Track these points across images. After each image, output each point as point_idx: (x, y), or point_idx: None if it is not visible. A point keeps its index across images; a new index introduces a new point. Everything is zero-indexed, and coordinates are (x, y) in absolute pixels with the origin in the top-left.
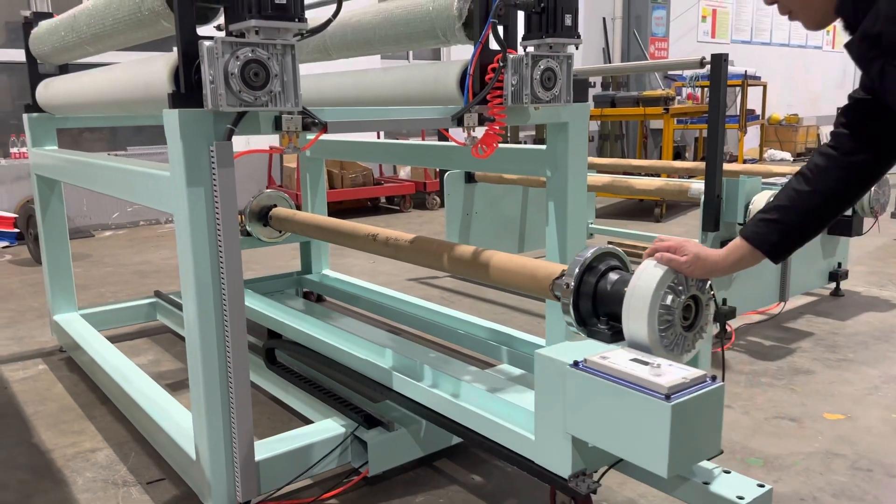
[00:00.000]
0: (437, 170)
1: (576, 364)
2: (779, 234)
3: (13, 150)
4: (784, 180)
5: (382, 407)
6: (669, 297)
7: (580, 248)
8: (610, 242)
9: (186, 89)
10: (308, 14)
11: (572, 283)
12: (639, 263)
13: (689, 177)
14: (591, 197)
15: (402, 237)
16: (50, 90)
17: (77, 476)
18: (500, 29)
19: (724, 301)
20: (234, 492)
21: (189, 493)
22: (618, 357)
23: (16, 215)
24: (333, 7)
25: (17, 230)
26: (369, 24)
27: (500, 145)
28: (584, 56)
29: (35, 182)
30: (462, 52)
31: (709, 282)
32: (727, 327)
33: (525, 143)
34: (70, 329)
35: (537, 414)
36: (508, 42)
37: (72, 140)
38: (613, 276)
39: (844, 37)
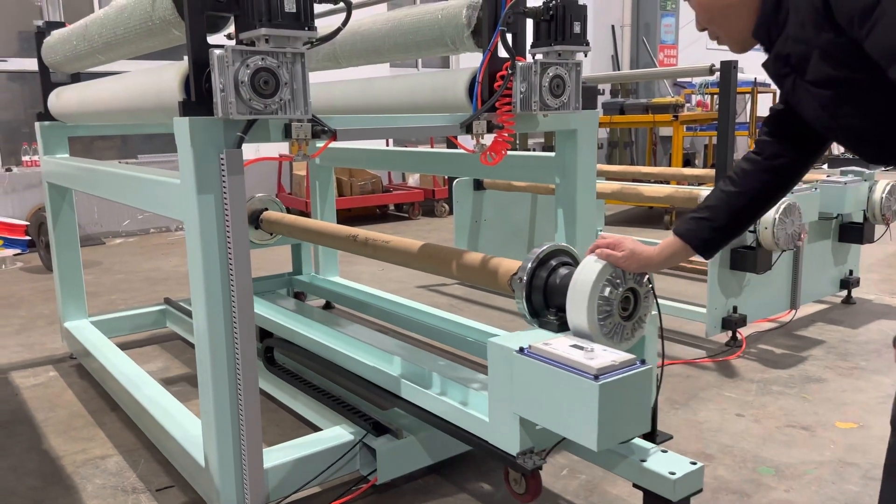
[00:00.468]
0: (446, 177)
1: (521, 350)
2: (709, 231)
3: (25, 158)
4: (805, 187)
5: (391, 414)
6: (608, 290)
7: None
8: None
9: (197, 98)
10: (318, 23)
11: (525, 278)
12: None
13: (699, 184)
14: (600, 204)
15: (379, 238)
16: (62, 99)
17: (87, 483)
18: (509, 36)
19: (735, 309)
20: (244, 499)
21: (198, 501)
22: (559, 343)
23: (27, 223)
24: (343, 16)
25: (28, 238)
26: (378, 33)
27: (509, 152)
28: (592, 63)
29: (47, 190)
30: (470, 61)
31: (647, 275)
32: (738, 335)
33: (534, 150)
34: (80, 336)
35: (490, 397)
36: (517, 49)
37: (83, 148)
38: (563, 270)
39: (762, 57)
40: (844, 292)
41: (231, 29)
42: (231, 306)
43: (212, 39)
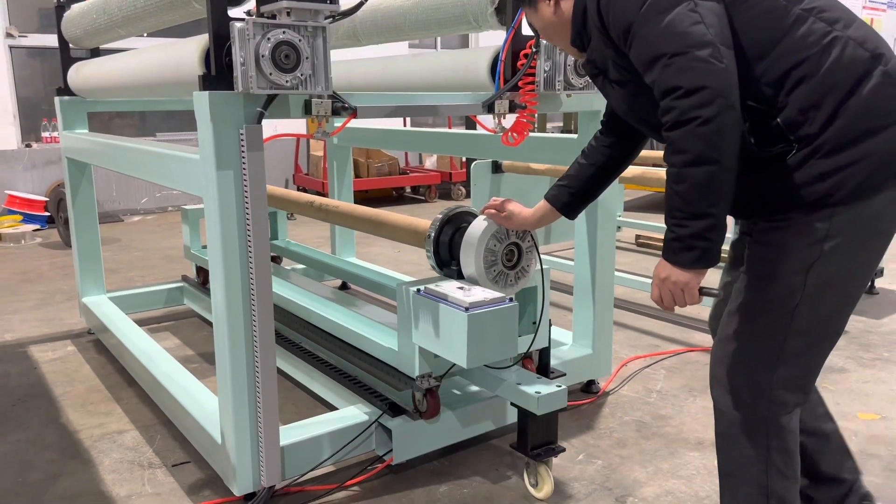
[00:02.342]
0: (464, 160)
1: (418, 291)
2: (567, 195)
3: (44, 134)
4: None
5: (406, 395)
6: (493, 243)
7: (611, 239)
8: (638, 236)
9: (217, 72)
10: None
11: (432, 235)
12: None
13: None
14: (619, 189)
15: (332, 203)
16: (81, 73)
17: (104, 457)
18: None
19: None
20: (259, 476)
21: (214, 477)
22: (448, 286)
23: (46, 199)
24: None
25: (47, 213)
26: (400, 10)
27: (530, 134)
28: None
29: (66, 165)
30: (490, 40)
31: (529, 233)
32: None
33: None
34: (98, 312)
35: (399, 331)
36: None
37: (101, 126)
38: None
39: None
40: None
41: (252, 4)
42: (249, 283)
43: (232, 13)
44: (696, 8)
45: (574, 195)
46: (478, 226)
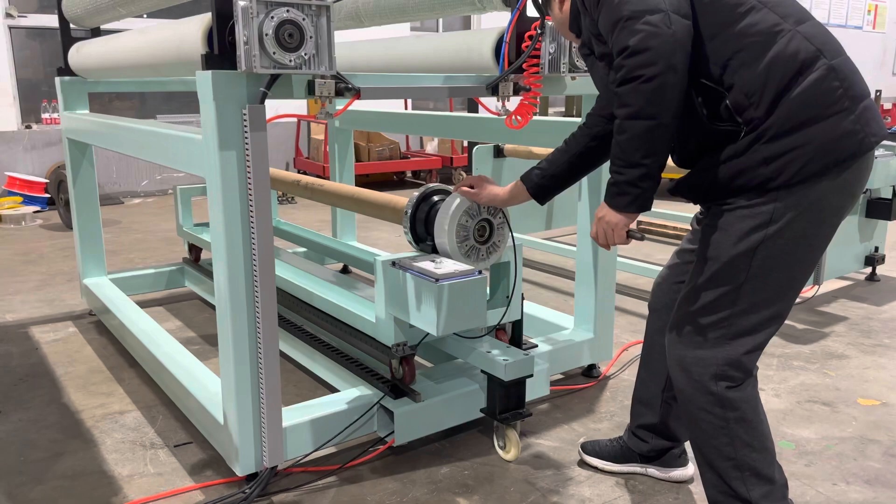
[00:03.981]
0: (465, 145)
1: (393, 264)
2: (540, 178)
3: (45, 115)
4: None
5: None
6: (465, 219)
7: None
8: (639, 222)
9: (220, 51)
10: None
11: (409, 212)
12: (668, 244)
13: None
14: None
15: (316, 182)
16: (82, 53)
17: (106, 437)
18: None
19: None
20: (261, 457)
21: (216, 457)
22: (421, 259)
23: (47, 181)
24: None
25: (48, 195)
26: None
27: (534, 117)
28: None
29: (67, 146)
30: (493, 22)
31: (500, 210)
32: None
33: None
34: (99, 293)
35: (376, 303)
36: (546, 8)
37: (101, 108)
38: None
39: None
40: (869, 269)
41: None
42: (252, 264)
43: None
44: None
45: (547, 178)
46: (450, 202)
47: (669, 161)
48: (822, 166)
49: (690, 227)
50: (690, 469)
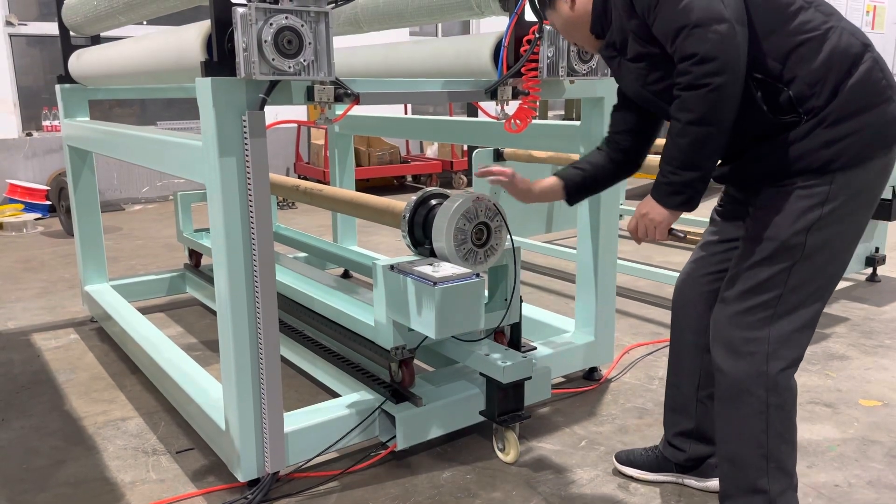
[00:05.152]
0: (465, 149)
1: (391, 268)
2: (581, 178)
3: (45, 123)
4: None
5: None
6: (463, 223)
7: (613, 227)
8: None
9: (219, 57)
10: None
11: (407, 216)
12: (668, 247)
13: None
14: None
15: (315, 187)
16: (82, 60)
17: (108, 443)
18: None
19: None
20: (263, 462)
21: (218, 463)
22: (420, 263)
23: (48, 188)
24: None
25: (48, 202)
26: None
27: (533, 121)
28: None
29: (67, 153)
30: (491, 27)
31: (499, 213)
32: None
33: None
34: (101, 299)
35: (375, 306)
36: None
37: (101, 115)
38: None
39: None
40: (870, 270)
41: None
42: (253, 270)
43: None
44: None
45: (585, 179)
46: (448, 206)
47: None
48: (874, 150)
49: (710, 220)
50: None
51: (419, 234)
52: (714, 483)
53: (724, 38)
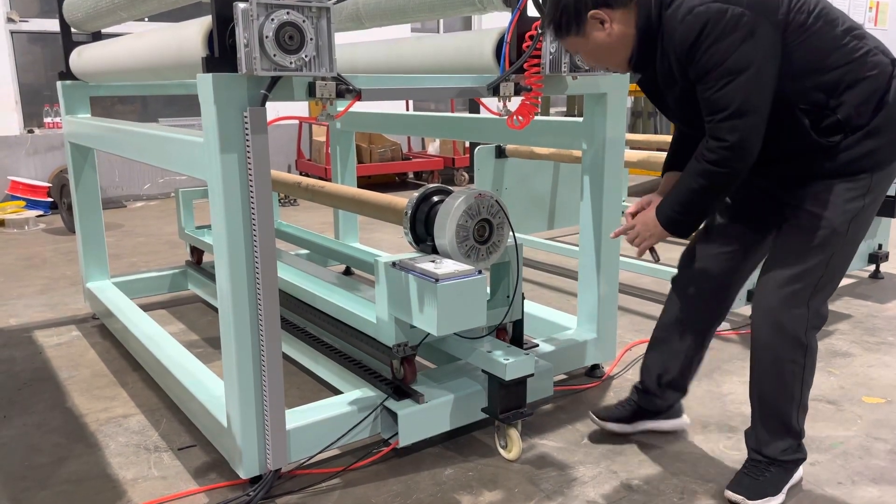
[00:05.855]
0: (467, 145)
1: (393, 264)
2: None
3: (46, 119)
4: None
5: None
6: (465, 219)
7: (615, 224)
8: None
9: (220, 53)
10: None
11: (409, 213)
12: (668, 244)
13: None
14: (624, 174)
15: (317, 184)
16: (83, 57)
17: (110, 441)
18: None
19: None
20: (265, 459)
21: (220, 460)
22: (422, 260)
23: (49, 185)
24: None
25: (50, 199)
26: None
27: (536, 117)
28: None
29: (69, 150)
30: (493, 23)
31: (501, 210)
32: None
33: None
34: (102, 297)
35: (377, 303)
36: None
37: (103, 112)
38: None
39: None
40: (872, 267)
41: None
42: (254, 267)
43: None
44: (760, 75)
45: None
46: (451, 203)
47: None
48: None
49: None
50: (687, 418)
51: (421, 230)
52: (681, 421)
53: (752, 132)
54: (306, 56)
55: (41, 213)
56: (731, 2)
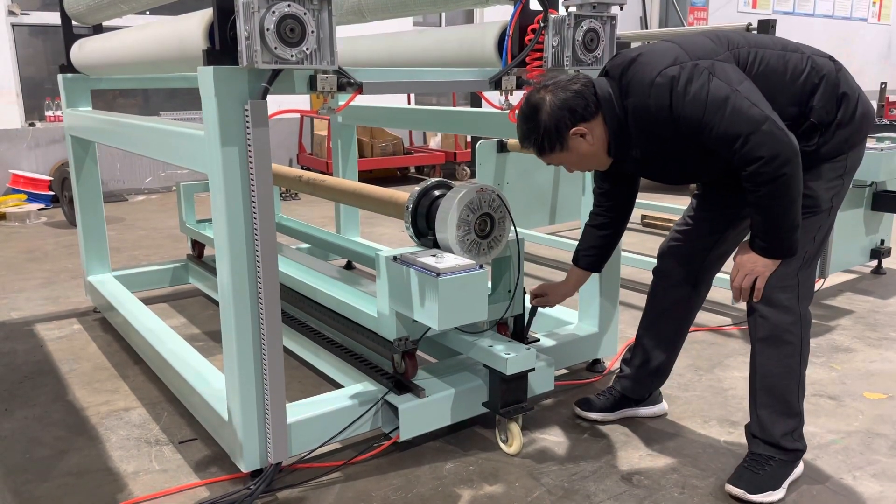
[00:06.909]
0: (468, 140)
1: (394, 258)
2: (598, 256)
3: (48, 113)
4: None
5: None
6: (466, 214)
7: None
8: (644, 216)
9: (221, 46)
10: None
11: (410, 207)
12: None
13: None
14: None
15: (318, 178)
16: (84, 50)
17: (111, 434)
18: None
19: None
20: (266, 453)
21: (220, 454)
22: (423, 254)
23: (51, 178)
24: None
25: (51, 193)
26: None
27: None
28: (620, 24)
29: (70, 143)
30: (496, 16)
31: (502, 204)
32: None
33: None
34: (104, 290)
35: (378, 298)
36: (550, 2)
37: (105, 105)
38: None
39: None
40: (874, 262)
41: None
42: (255, 260)
43: None
44: (742, 94)
45: (601, 253)
46: (452, 197)
47: None
48: (863, 135)
49: (695, 200)
50: (665, 405)
51: (422, 225)
52: (661, 406)
53: (773, 135)
54: (307, 49)
55: (42, 206)
56: (678, 62)
